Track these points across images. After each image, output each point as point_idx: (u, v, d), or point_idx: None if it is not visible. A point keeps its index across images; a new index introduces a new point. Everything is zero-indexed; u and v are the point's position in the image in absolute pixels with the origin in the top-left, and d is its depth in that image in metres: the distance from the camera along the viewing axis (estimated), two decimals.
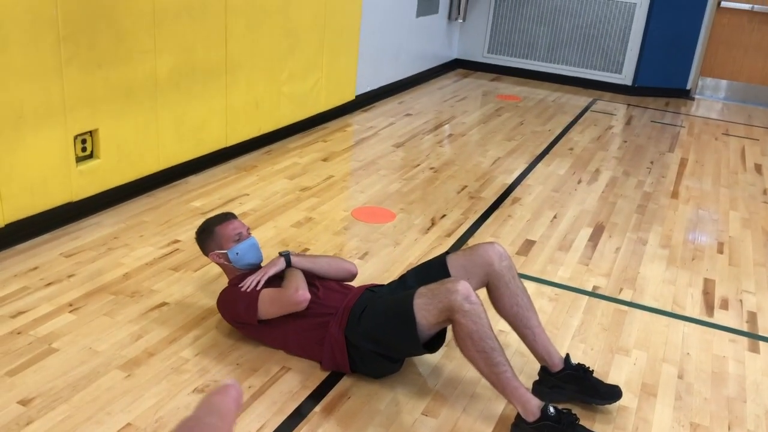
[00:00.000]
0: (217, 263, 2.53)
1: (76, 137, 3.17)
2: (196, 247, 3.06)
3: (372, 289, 2.42)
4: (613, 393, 2.27)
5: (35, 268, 2.82)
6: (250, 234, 2.51)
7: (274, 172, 4.09)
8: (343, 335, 2.25)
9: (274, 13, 4.29)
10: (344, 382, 2.30)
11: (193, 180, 3.86)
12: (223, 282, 2.58)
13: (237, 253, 2.44)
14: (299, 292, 2.24)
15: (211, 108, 3.94)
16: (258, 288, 2.33)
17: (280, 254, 2.42)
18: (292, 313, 2.29)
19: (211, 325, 2.55)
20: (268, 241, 3.22)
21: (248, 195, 3.74)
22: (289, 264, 2.40)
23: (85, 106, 3.16)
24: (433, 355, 2.43)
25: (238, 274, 2.47)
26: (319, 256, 2.62)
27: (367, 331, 2.22)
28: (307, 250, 3.18)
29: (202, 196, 3.65)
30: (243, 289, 2.34)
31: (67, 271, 2.82)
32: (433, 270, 2.36)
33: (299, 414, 2.14)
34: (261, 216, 3.49)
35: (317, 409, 2.17)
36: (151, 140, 3.58)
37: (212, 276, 2.88)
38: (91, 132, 3.25)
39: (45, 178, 3.05)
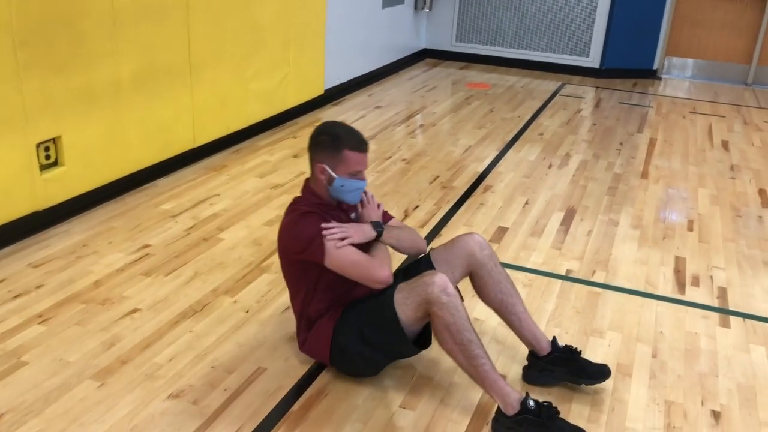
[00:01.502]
0: (314, 174, 2.23)
1: (38, 145, 3.11)
2: (168, 251, 3.06)
3: None
4: (602, 372, 2.29)
5: (2, 281, 2.77)
6: (365, 177, 2.24)
7: (244, 171, 4.06)
8: (332, 329, 2.22)
9: (237, 11, 4.25)
10: (321, 380, 2.29)
11: (162, 183, 3.81)
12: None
13: (343, 186, 2.18)
14: (386, 273, 2.12)
15: (177, 109, 3.89)
16: (338, 246, 2.14)
17: (374, 227, 2.22)
18: (328, 275, 2.18)
19: (185, 329, 2.52)
20: (240, 242, 3.20)
21: (219, 195, 3.70)
22: (378, 239, 2.23)
23: (47, 112, 3.10)
24: None
25: (314, 199, 2.23)
26: (401, 231, 2.34)
27: (354, 329, 2.18)
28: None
29: (172, 199, 3.61)
30: (325, 231, 2.14)
31: (36, 281, 2.77)
32: (421, 267, 2.33)
33: (276, 414, 2.13)
34: (232, 216, 3.46)
35: (294, 408, 2.16)
36: (117, 144, 3.52)
37: (184, 279, 2.85)
38: (54, 139, 3.19)
39: (8, 188, 2.99)
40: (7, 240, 3.03)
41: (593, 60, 7.03)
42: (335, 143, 2.17)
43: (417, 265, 2.37)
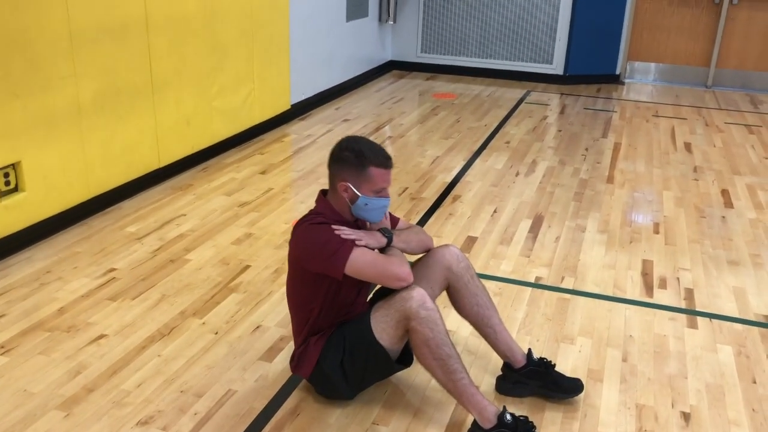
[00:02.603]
0: (335, 191, 2.15)
1: None
2: (134, 274, 3.02)
3: None
4: (575, 387, 2.30)
5: None
6: (389, 194, 2.20)
7: (210, 190, 4.02)
8: (321, 348, 2.18)
9: (198, 30, 4.22)
10: (292, 400, 2.27)
11: (127, 205, 3.76)
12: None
13: (367, 204, 2.11)
14: (406, 269, 2.06)
15: (140, 129, 3.85)
16: (357, 244, 2.08)
17: (383, 234, 2.17)
18: (337, 290, 2.14)
19: (153, 354, 2.48)
20: (207, 262, 3.16)
21: (185, 215, 3.66)
22: (388, 245, 2.18)
23: (5, 138, 3.04)
24: None
25: (332, 215, 2.16)
26: (409, 233, 2.29)
27: (338, 352, 2.15)
28: (248, 267, 3.13)
29: (137, 221, 3.56)
30: (337, 232, 2.08)
31: None
32: None
33: None
34: (199, 236, 3.42)
35: (266, 429, 2.13)
36: (79, 168, 3.47)
37: (151, 302, 2.80)
38: (13, 165, 3.13)
39: None
40: None
41: (557, 67, 7.12)
42: (360, 160, 2.09)
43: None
